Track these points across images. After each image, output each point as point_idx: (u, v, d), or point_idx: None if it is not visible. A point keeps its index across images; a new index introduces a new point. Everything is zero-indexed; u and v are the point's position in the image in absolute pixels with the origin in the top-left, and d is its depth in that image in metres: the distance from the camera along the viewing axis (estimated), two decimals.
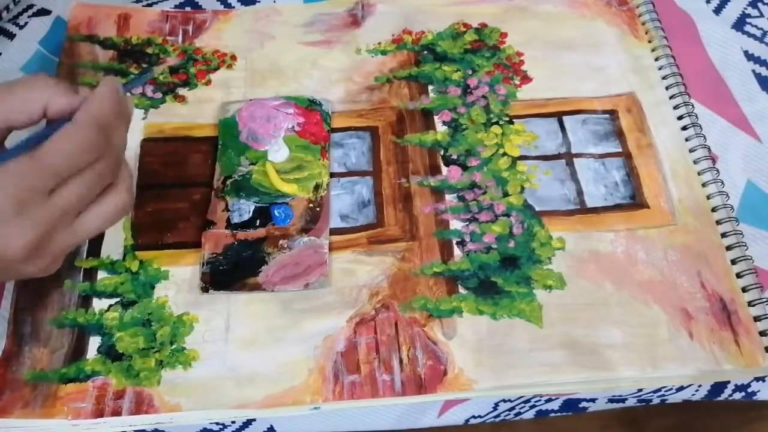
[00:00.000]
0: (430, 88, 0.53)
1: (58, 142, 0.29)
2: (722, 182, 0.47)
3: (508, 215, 0.47)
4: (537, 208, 0.47)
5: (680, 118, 0.50)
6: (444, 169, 0.49)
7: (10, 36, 0.54)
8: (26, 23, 0.55)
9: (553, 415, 0.47)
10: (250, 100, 0.51)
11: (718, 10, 0.58)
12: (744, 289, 0.44)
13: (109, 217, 0.33)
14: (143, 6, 0.57)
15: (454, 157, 0.49)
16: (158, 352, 0.42)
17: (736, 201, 0.48)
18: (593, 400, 0.46)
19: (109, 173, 0.32)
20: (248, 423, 0.44)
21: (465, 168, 0.49)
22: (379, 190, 0.48)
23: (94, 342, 0.42)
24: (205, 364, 0.42)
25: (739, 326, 0.43)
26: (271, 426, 0.44)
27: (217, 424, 0.44)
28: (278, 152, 0.48)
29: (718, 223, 0.46)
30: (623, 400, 0.46)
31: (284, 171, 0.48)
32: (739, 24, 0.57)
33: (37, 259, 0.30)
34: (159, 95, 0.52)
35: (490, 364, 0.41)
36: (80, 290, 0.44)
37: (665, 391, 0.45)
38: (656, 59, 0.53)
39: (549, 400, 0.46)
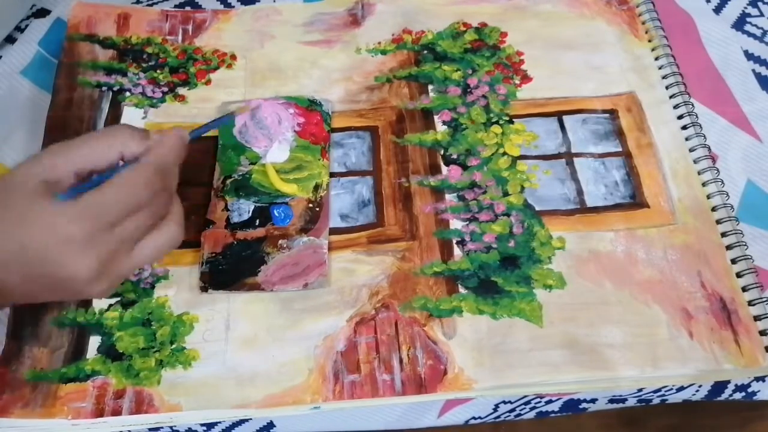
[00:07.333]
0: (430, 87, 0.53)
1: (123, 181, 0.34)
2: (722, 182, 0.47)
3: (508, 215, 0.47)
4: (537, 208, 0.47)
5: (680, 117, 0.50)
6: (444, 169, 0.49)
7: (12, 40, 0.54)
8: (27, 26, 0.55)
9: (553, 415, 0.47)
10: (250, 100, 0.51)
11: (718, 10, 0.58)
12: (744, 289, 0.44)
13: (162, 248, 0.36)
14: (143, 6, 0.57)
15: (454, 156, 0.49)
16: (158, 352, 0.42)
17: (736, 200, 0.48)
18: (593, 401, 0.46)
19: (163, 207, 0.36)
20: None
21: (465, 167, 0.49)
22: (379, 189, 0.48)
23: (94, 341, 0.42)
24: (205, 364, 0.42)
25: (739, 326, 0.43)
26: (271, 422, 0.44)
27: None
28: (278, 152, 0.48)
29: (718, 222, 0.46)
30: (623, 400, 0.46)
31: (284, 171, 0.48)
32: (739, 23, 0.57)
33: (100, 282, 0.33)
34: (159, 95, 0.52)
35: (490, 363, 0.41)
36: None
37: (665, 391, 0.45)
38: (656, 59, 0.53)
39: (549, 402, 0.46)
